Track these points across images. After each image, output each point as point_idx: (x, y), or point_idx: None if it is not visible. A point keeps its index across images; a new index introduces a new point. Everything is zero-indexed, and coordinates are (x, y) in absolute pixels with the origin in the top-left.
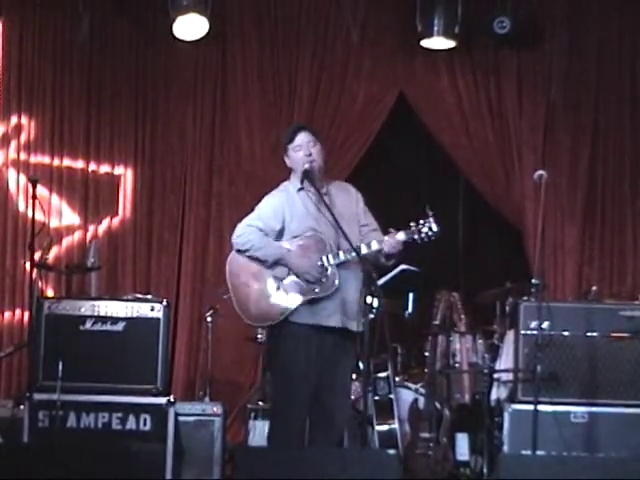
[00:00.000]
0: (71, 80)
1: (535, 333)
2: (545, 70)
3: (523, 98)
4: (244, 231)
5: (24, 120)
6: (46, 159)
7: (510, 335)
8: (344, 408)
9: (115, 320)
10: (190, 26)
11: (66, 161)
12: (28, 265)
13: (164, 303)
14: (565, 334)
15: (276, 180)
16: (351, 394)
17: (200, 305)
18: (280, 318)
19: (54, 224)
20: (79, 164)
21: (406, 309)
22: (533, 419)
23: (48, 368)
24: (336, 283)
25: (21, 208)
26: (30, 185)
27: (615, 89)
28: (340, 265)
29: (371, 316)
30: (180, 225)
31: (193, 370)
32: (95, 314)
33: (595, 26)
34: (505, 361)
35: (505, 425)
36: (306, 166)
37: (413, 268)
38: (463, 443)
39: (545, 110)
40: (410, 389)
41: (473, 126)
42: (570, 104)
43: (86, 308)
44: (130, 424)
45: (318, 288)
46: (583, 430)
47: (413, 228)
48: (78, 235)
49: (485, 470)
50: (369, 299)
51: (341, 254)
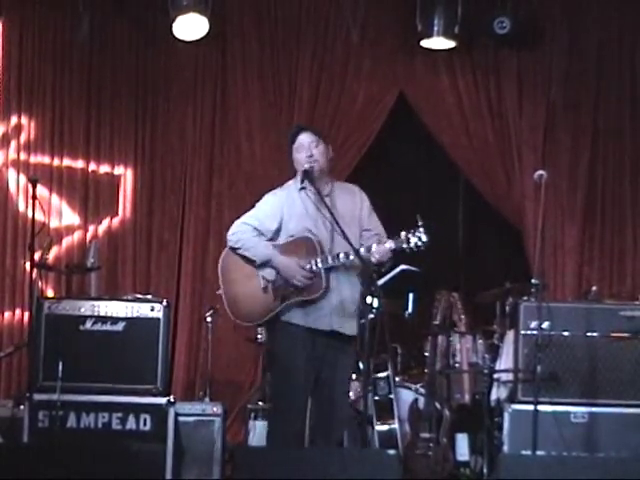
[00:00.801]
0: (71, 80)
1: (535, 333)
2: (545, 70)
3: (523, 98)
4: (238, 229)
5: (24, 120)
6: (46, 159)
7: (510, 335)
8: (343, 408)
9: (115, 320)
10: (190, 26)
11: (66, 161)
12: (28, 265)
13: (164, 303)
14: (565, 334)
15: (276, 180)
16: (350, 394)
17: (200, 305)
18: (266, 318)
19: (54, 224)
20: (79, 164)
21: (406, 309)
22: (533, 419)
23: (48, 368)
24: (324, 287)
25: (21, 208)
26: (30, 185)
27: (615, 89)
28: (334, 269)
29: (371, 316)
30: (180, 225)
31: (193, 370)
32: (95, 314)
33: (595, 26)
34: (505, 361)
35: (505, 425)
36: (306, 166)
37: (413, 268)
38: (463, 443)
39: (545, 110)
40: (410, 389)
41: (473, 126)
42: (570, 104)
43: (86, 308)
44: (130, 424)
45: (305, 291)
46: (583, 430)
47: (402, 237)
48: (78, 235)
49: (485, 470)
50: (369, 299)
51: (329, 259)
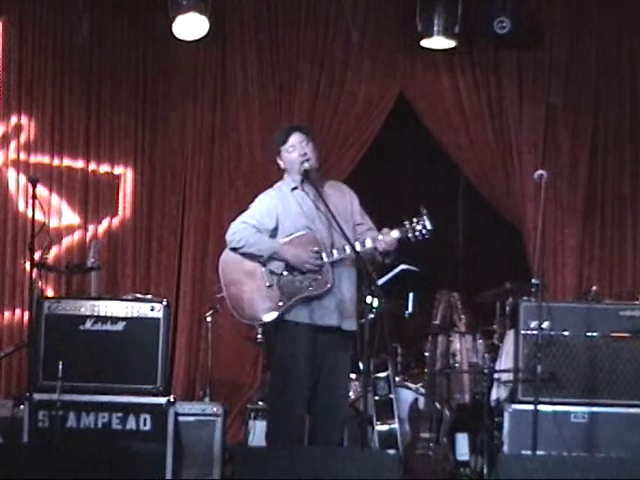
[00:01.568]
0: (71, 80)
1: (535, 333)
2: (545, 70)
3: (523, 98)
4: (238, 228)
5: (24, 120)
6: (46, 159)
7: (510, 335)
8: (343, 407)
9: (115, 320)
10: (190, 26)
11: (66, 161)
12: (28, 265)
13: (164, 303)
14: (565, 334)
15: (276, 180)
16: (350, 394)
17: (200, 305)
18: (272, 317)
19: (54, 224)
20: (79, 164)
21: (406, 309)
22: (533, 419)
23: (48, 368)
24: (329, 281)
25: (21, 208)
26: (30, 185)
27: (615, 89)
28: (334, 264)
29: (371, 316)
30: (180, 225)
31: (193, 370)
32: (95, 314)
33: (595, 26)
34: (505, 361)
35: (505, 425)
36: (306, 165)
37: (413, 268)
38: (463, 443)
39: (545, 110)
40: (410, 389)
41: (473, 126)
42: (570, 104)
43: (86, 308)
44: (130, 424)
45: (312, 286)
46: (583, 430)
47: (407, 226)
48: (78, 235)
49: (485, 470)
50: (369, 299)
51: (335, 252)
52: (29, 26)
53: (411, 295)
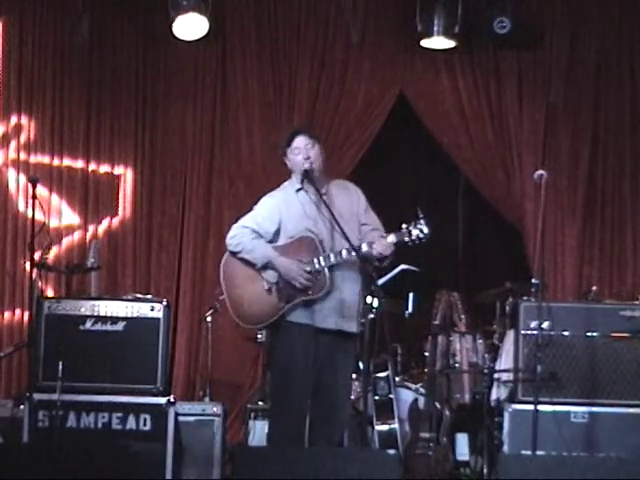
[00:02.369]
0: (71, 80)
1: (535, 333)
2: (545, 70)
3: (523, 98)
4: (237, 232)
5: (24, 120)
6: (46, 159)
7: (510, 335)
8: (344, 408)
9: (115, 320)
10: (190, 26)
11: (66, 161)
12: (28, 265)
13: (164, 303)
14: (565, 334)
15: (276, 180)
16: (351, 394)
17: (200, 305)
18: (272, 320)
19: (54, 224)
20: (79, 164)
21: (406, 309)
22: (533, 419)
23: (48, 368)
24: (327, 285)
25: (21, 208)
26: (30, 185)
27: (615, 89)
28: (336, 267)
29: (371, 316)
30: (180, 225)
31: (193, 370)
32: (95, 314)
33: (595, 26)
34: (505, 361)
35: (505, 425)
36: (305, 166)
37: (413, 268)
38: (463, 443)
39: (545, 110)
40: (410, 389)
41: (473, 126)
42: (570, 104)
43: (86, 308)
44: (130, 424)
45: (310, 290)
46: (583, 430)
47: (404, 230)
48: (78, 235)
49: (485, 470)
50: (369, 299)
51: (332, 257)
52: (29, 26)
53: (411, 295)
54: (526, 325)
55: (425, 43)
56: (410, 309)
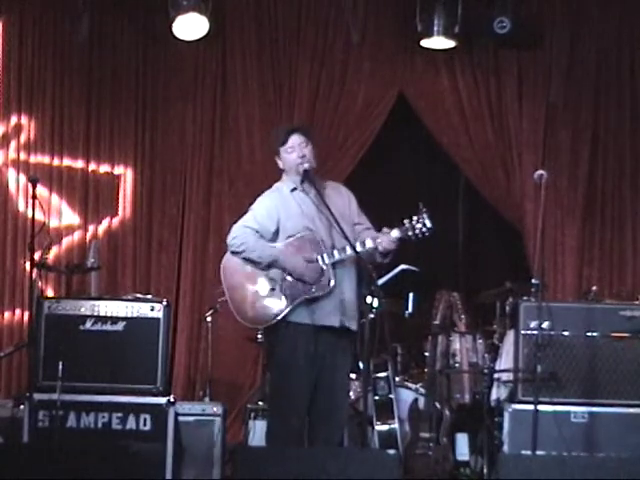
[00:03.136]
0: (71, 80)
1: (535, 333)
2: (545, 70)
3: (523, 98)
4: (239, 233)
5: (24, 120)
6: (46, 159)
7: (510, 335)
8: (343, 407)
9: (115, 320)
10: (190, 26)
11: (66, 161)
12: (28, 265)
13: (164, 303)
14: (565, 334)
15: (276, 180)
16: (350, 393)
17: (200, 305)
18: (276, 320)
19: (54, 224)
20: (79, 164)
21: (406, 309)
22: (533, 419)
23: (48, 368)
24: (332, 282)
25: (21, 208)
26: (30, 185)
27: (615, 89)
28: (335, 264)
29: (371, 316)
30: (180, 225)
31: (193, 370)
32: (95, 314)
33: (595, 26)
34: (505, 361)
35: (505, 425)
36: (306, 166)
37: (413, 268)
38: (463, 443)
39: (545, 110)
40: (410, 389)
41: (473, 126)
42: (570, 104)
43: (86, 308)
44: (130, 424)
45: (314, 288)
46: (583, 430)
47: (407, 225)
48: (78, 235)
49: (485, 470)
50: (369, 299)
51: (336, 253)
52: (29, 26)
53: (411, 295)
54: (526, 325)
55: (425, 43)
56: (410, 309)
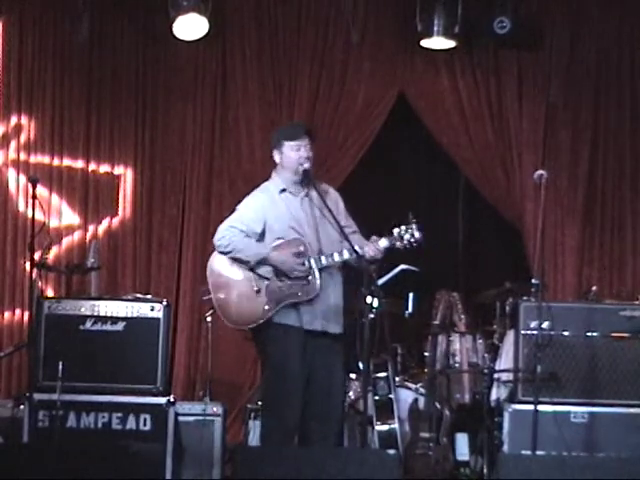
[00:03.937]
0: (71, 80)
1: (535, 333)
2: (545, 70)
3: (523, 98)
4: (225, 233)
5: (24, 120)
6: (46, 159)
7: (510, 335)
8: (339, 407)
9: (115, 320)
10: (190, 26)
11: (66, 161)
12: (28, 265)
13: (164, 303)
14: (565, 334)
15: None
16: (345, 393)
17: (200, 305)
18: (259, 322)
19: (54, 224)
20: (79, 164)
21: (406, 309)
22: (533, 419)
23: (48, 368)
24: (317, 287)
25: (21, 208)
26: (30, 185)
27: (615, 89)
28: (323, 269)
29: (371, 316)
30: (180, 225)
31: (193, 370)
32: (95, 314)
33: (595, 26)
34: (505, 361)
35: (505, 425)
36: (306, 166)
37: (413, 268)
38: (463, 443)
39: (545, 110)
40: (410, 389)
41: (473, 126)
42: (570, 104)
43: (86, 308)
44: (130, 424)
45: (300, 292)
46: (583, 430)
47: (395, 235)
48: (78, 235)
49: (485, 470)
50: (369, 299)
51: (323, 259)
52: (29, 26)
53: (411, 295)
54: (526, 325)
55: (425, 43)
56: (410, 309)
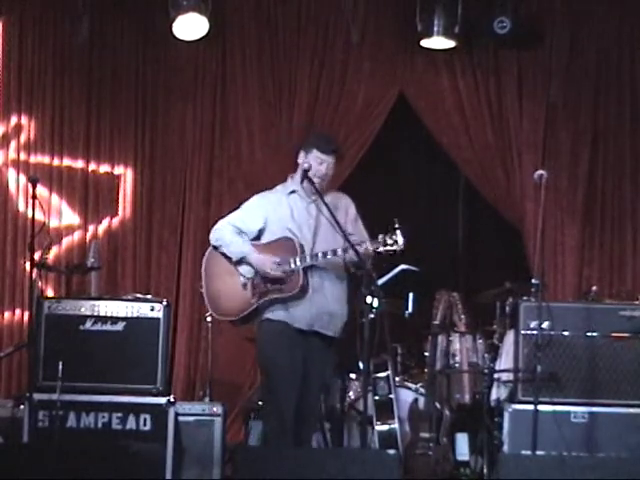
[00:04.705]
0: (71, 80)
1: (535, 333)
2: (545, 70)
3: (523, 98)
4: (219, 227)
5: (24, 120)
6: (46, 159)
7: (510, 335)
8: (315, 408)
9: (115, 320)
10: (190, 26)
11: (66, 161)
12: (28, 265)
13: (164, 303)
14: (565, 334)
15: (276, 180)
16: (350, 393)
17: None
18: (244, 314)
19: (54, 224)
20: (79, 164)
21: (406, 309)
22: (533, 419)
23: (48, 368)
24: (300, 284)
25: (21, 208)
26: (30, 185)
27: (615, 89)
28: (317, 270)
29: (371, 316)
30: (180, 225)
31: (193, 370)
32: (95, 314)
33: (595, 26)
34: (505, 361)
35: (505, 425)
36: (305, 166)
37: (413, 268)
38: (463, 443)
39: (545, 110)
40: (410, 389)
41: (473, 126)
42: (570, 104)
43: (86, 308)
44: (130, 424)
45: (283, 287)
46: (583, 430)
47: (380, 240)
48: (78, 235)
49: (485, 470)
50: (369, 299)
51: (307, 258)
52: (29, 26)
53: (411, 295)
54: (526, 325)
55: (425, 43)
56: (410, 309)
